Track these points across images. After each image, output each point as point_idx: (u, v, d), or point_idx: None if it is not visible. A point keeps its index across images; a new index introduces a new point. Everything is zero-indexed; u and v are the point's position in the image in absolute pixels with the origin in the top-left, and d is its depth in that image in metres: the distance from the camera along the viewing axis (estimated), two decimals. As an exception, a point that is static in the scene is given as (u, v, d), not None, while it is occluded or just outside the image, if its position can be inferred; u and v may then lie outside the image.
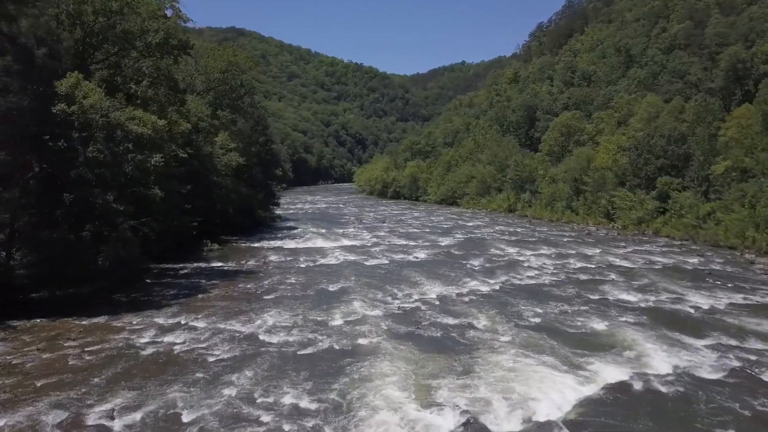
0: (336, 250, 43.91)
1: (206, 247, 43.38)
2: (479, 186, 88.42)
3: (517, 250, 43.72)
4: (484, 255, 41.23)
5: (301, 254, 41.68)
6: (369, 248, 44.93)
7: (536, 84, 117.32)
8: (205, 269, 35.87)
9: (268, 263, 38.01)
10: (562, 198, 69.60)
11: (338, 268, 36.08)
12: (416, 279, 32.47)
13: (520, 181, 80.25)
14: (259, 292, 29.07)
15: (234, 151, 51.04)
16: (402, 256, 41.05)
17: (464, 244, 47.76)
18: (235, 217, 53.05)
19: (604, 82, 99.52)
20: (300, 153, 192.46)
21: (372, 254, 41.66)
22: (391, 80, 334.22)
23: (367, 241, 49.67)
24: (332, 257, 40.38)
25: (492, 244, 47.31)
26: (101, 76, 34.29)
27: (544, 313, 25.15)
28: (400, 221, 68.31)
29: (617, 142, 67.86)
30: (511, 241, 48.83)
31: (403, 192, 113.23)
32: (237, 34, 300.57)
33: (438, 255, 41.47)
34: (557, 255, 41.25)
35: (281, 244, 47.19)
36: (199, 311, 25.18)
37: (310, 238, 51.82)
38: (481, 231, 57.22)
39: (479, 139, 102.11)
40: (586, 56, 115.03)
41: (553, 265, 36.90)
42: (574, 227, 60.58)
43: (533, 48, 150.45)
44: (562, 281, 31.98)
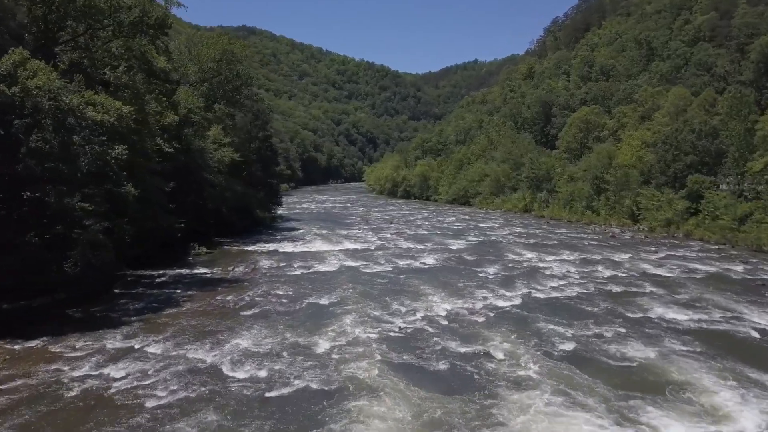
0: (336, 254, 39.58)
1: (193, 251, 39.25)
2: (493, 185, 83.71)
3: (537, 255, 39.14)
4: (499, 261, 36.71)
5: (296, 259, 37.41)
6: (372, 252, 40.56)
7: (552, 79, 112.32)
8: (185, 277, 31.68)
9: (258, 270, 33.75)
10: (582, 197, 64.82)
11: (335, 276, 31.73)
12: (422, 290, 28.03)
13: (536, 180, 75.57)
14: (239, 307, 24.80)
15: (228, 146, 46.86)
16: (408, 261, 36.62)
17: (477, 248, 43.26)
18: (230, 218, 48.93)
19: (624, 76, 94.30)
20: (310, 152, 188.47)
21: (375, 259, 37.28)
22: (403, 79, 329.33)
23: (371, 244, 45.31)
24: (330, 263, 36.05)
25: (508, 247, 42.76)
26: (70, 60, 30.26)
27: (576, 336, 20.61)
28: (409, 222, 63.88)
29: (641, 137, 62.95)
30: (529, 245, 44.24)
31: (413, 191, 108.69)
32: (248, 32, 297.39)
33: (448, 261, 37.00)
34: (582, 261, 36.64)
35: (277, 247, 42.95)
36: (161, 331, 20.95)
37: (310, 240, 47.57)
38: (496, 233, 52.65)
39: (493, 136, 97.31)
40: (604, 50, 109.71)
41: (579, 274, 32.29)
42: (595, 229, 55.79)
43: (548, 43, 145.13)
44: (592, 294, 27.38)
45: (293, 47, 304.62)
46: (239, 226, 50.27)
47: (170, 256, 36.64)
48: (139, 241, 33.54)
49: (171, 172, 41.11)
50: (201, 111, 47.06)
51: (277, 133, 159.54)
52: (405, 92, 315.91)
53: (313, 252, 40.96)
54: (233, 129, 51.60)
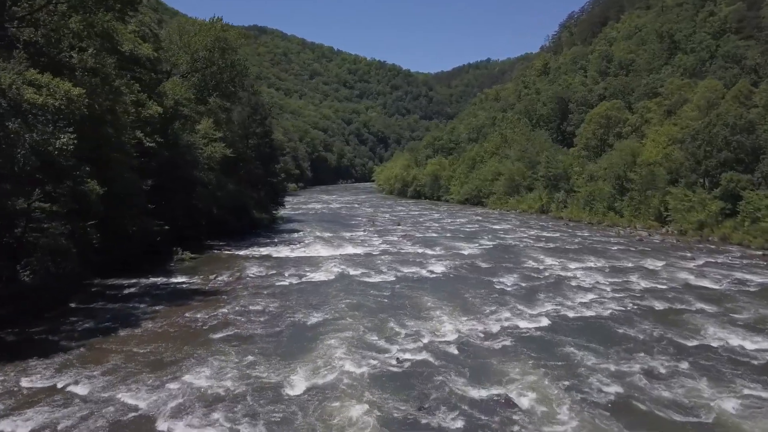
0: (334, 260, 35.29)
1: (176, 256, 35.13)
2: (507, 184, 79.07)
3: (559, 261, 34.61)
4: (518, 269, 32.22)
5: (289, 266, 33.16)
6: (375, 258, 36.22)
7: (568, 75, 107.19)
8: (158, 287, 27.52)
9: (243, 279, 29.52)
10: (603, 198, 60.07)
11: (329, 288, 27.42)
12: (428, 306, 23.64)
13: (553, 179, 70.94)
14: (208, 328, 20.55)
15: (220, 141, 42.72)
16: (414, 269, 32.22)
17: (492, 253, 38.79)
18: (224, 219, 44.81)
19: (646, 71, 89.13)
20: (319, 151, 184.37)
21: (376, 267, 32.93)
22: (415, 78, 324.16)
23: (376, 248, 40.97)
24: (327, 271, 31.74)
25: (526, 253, 38.24)
26: (28, 38, 26.22)
27: (621, 374, 16.15)
28: (418, 224, 59.45)
29: (668, 133, 58.09)
30: (549, 250, 39.69)
31: (423, 191, 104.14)
32: (259, 32, 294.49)
33: (459, 269, 32.54)
34: (611, 269, 32.05)
35: (272, 252, 38.76)
36: (101, 362, 16.78)
37: (309, 243, 43.33)
38: (512, 236, 48.10)
39: (507, 133, 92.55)
40: (623, 44, 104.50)
41: (611, 285, 27.72)
42: (619, 231, 51.05)
43: (564, 38, 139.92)
44: (631, 312, 22.84)
45: (304, 46, 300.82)
46: (234, 228, 46.14)
47: (149, 262, 32.53)
48: (112, 246, 29.62)
49: (155, 169, 37.27)
50: (191, 103, 43.09)
51: (286, 132, 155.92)
52: (417, 91, 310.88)
53: (310, 257, 36.70)
54: (228, 123, 47.51)
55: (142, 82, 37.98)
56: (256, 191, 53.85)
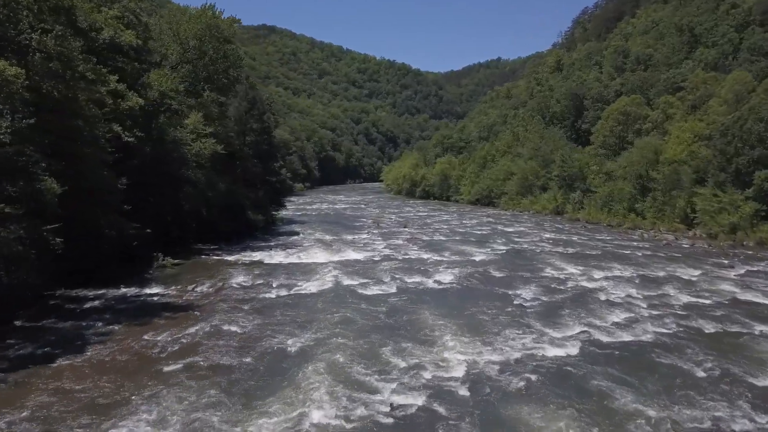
0: (332, 267, 31.67)
1: (157, 263, 31.64)
2: (520, 184, 75.14)
3: (582, 269, 30.78)
4: (536, 279, 28.42)
5: (280, 274, 29.59)
6: (376, 265, 32.56)
7: (582, 71, 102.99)
8: (127, 300, 24.01)
9: (224, 290, 25.94)
10: (623, 198, 56.06)
11: (320, 302, 23.79)
12: (432, 327, 19.91)
13: (568, 179, 66.97)
14: (166, 355, 16.96)
15: (210, 136, 39.20)
16: (419, 279, 28.51)
17: (506, 259, 35.00)
18: (216, 220, 41.34)
19: (665, 65, 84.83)
20: (327, 151, 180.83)
21: (377, 275, 29.27)
22: (425, 77, 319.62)
23: (378, 253, 37.33)
24: (321, 280, 28.13)
25: (544, 259, 34.43)
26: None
27: (671, 421, 12.43)
28: (425, 226, 55.72)
29: (693, 129, 53.97)
30: (569, 256, 35.85)
31: (432, 191, 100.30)
32: (269, 31, 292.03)
33: (470, 278, 28.77)
34: (642, 279, 28.19)
35: (264, 257, 35.23)
36: (23, 401, 13.30)
37: (307, 248, 39.78)
38: (527, 239, 44.25)
39: (519, 131, 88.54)
40: (640, 39, 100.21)
41: (646, 300, 23.89)
42: (643, 235, 47.03)
43: (577, 34, 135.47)
44: (676, 336, 19.00)
45: (313, 46, 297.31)
46: (227, 231, 42.63)
47: (126, 270, 29.09)
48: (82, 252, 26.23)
49: (137, 167, 33.89)
50: (179, 96, 39.69)
51: (293, 131, 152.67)
52: (426, 91, 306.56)
53: (305, 264, 33.10)
54: (222, 119, 43.96)
55: (123, 72, 34.77)
56: (254, 191, 50.32)
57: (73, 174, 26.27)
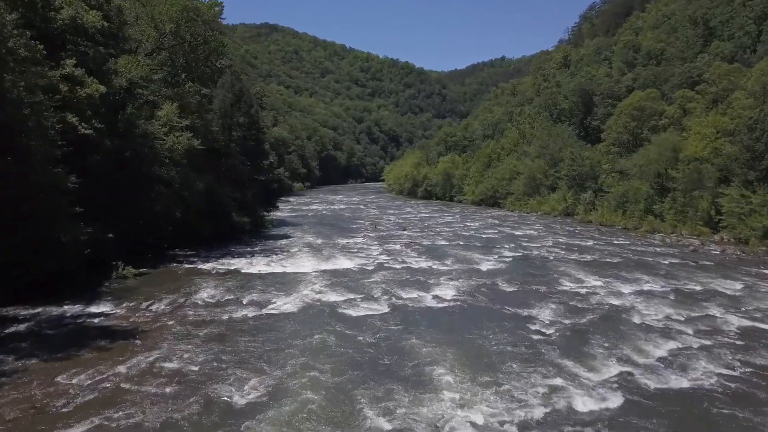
0: (317, 278, 27.43)
1: (116, 273, 27.42)
2: (527, 184, 70.78)
3: (604, 281, 26.47)
4: (553, 295, 24.11)
5: (256, 287, 25.38)
6: (369, 276, 28.30)
7: (591, 66, 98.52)
8: (61, 322, 19.71)
9: (185, 308, 21.67)
10: (639, 199, 51.63)
11: (293, 326, 19.51)
12: (428, 364, 15.58)
13: (578, 178, 62.60)
14: (72, 409, 12.59)
15: (186, 130, 35.00)
16: (415, 294, 24.21)
17: (517, 269, 30.69)
18: (194, 224, 37.18)
19: (679, 59, 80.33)
20: (329, 150, 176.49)
21: (368, 289, 25.01)
22: (428, 76, 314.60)
23: (373, 260, 33.08)
24: (301, 295, 23.86)
25: (559, 268, 30.10)
26: None
27: None
28: (426, 228, 51.43)
29: (716, 124, 49.63)
30: (588, 264, 31.52)
31: (434, 191, 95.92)
32: (270, 29, 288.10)
33: (475, 294, 24.44)
34: (677, 294, 23.87)
35: (244, 266, 31.03)
36: None
37: (294, 254, 35.61)
38: (537, 244, 39.92)
39: (525, 128, 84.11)
40: (651, 34, 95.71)
41: (689, 323, 19.54)
42: (665, 239, 42.66)
43: (584, 30, 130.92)
44: (744, 378, 14.66)
45: (316, 44, 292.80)
46: (208, 235, 38.47)
47: (79, 281, 24.92)
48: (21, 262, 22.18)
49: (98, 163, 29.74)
50: (153, 85, 35.61)
51: (293, 129, 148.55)
52: (430, 89, 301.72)
53: (288, 274, 28.87)
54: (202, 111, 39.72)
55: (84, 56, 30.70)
56: (241, 191, 46.10)
57: (16, 172, 22.23)
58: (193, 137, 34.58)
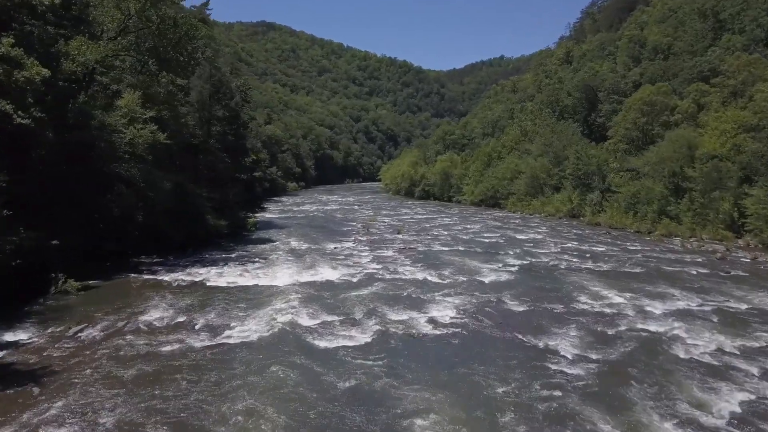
0: (293, 294, 23.25)
1: (55, 287, 23.20)
2: (529, 183, 66.64)
3: (629, 297, 22.33)
4: (572, 316, 19.92)
5: (216, 306, 21.20)
6: (352, 290, 24.14)
7: (594, 62, 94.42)
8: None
9: (120, 335, 17.45)
10: (652, 200, 47.49)
11: (247, 360, 15.31)
12: (415, 415, 11.51)
13: (584, 177, 58.50)
14: None
15: (151, 122, 30.74)
16: (406, 316, 19.99)
17: (525, 281, 26.53)
18: (162, 228, 33.01)
19: (688, 53, 76.27)
20: (325, 149, 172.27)
21: (350, 309, 20.83)
22: (426, 75, 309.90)
23: (360, 270, 28.93)
24: (269, 318, 19.63)
25: (574, 280, 25.95)
26: None
27: None
28: (423, 231, 47.27)
29: (736, 119, 45.52)
30: (605, 275, 27.37)
31: (432, 191, 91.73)
32: (267, 28, 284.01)
33: (478, 316, 20.20)
34: (722, 316, 19.69)
35: (212, 276, 26.88)
36: None
37: (273, 262, 31.51)
38: (545, 250, 35.78)
39: (527, 125, 79.93)
40: (656, 28, 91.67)
41: (751, 358, 15.38)
42: (685, 245, 38.56)
43: (586, 26, 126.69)
44: None
45: (313, 43, 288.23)
46: (179, 240, 34.26)
47: (9, 297, 20.72)
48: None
49: (42, 159, 25.69)
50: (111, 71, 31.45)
51: (288, 127, 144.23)
52: (428, 88, 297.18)
53: (260, 288, 24.72)
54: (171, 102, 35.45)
55: (29, 36, 26.67)
56: (221, 191, 41.98)
57: None
58: (159, 130, 30.28)
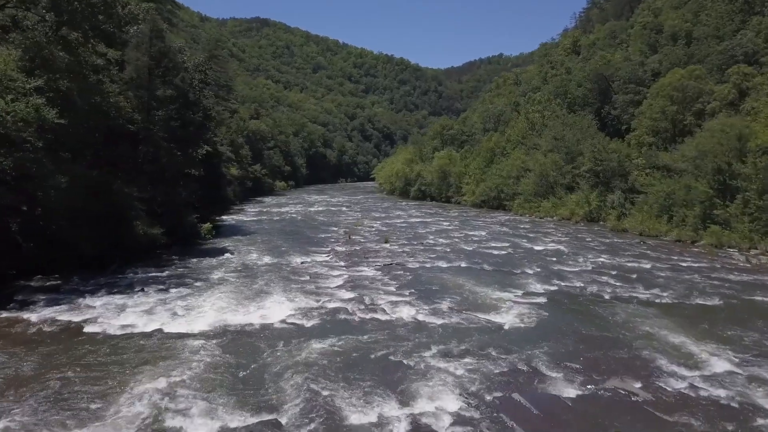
0: (202, 358, 14.55)
1: None
2: (538, 183, 57.98)
3: (735, 360, 13.70)
4: (658, 403, 11.26)
5: (63, 380, 12.53)
6: (300, 346, 15.43)
7: (606, 51, 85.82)
8: None
9: None
10: (692, 202, 38.89)
11: None
12: None
13: (603, 176, 49.95)
14: None
15: (37, 93, 21.97)
16: (374, 415, 11.36)
17: (562, 326, 17.78)
18: (69, 238, 24.34)
19: (713, 38, 67.73)
20: (318, 147, 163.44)
21: (279, 392, 12.16)
22: (424, 73, 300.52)
23: (324, 302, 20.26)
24: (131, 408, 11.02)
25: (635, 325, 17.23)
26: None
27: None
28: (416, 239, 38.56)
29: (797, 104, 36.98)
30: (674, 312, 18.70)
31: (429, 191, 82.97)
32: (262, 24, 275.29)
33: (501, 412, 11.58)
34: None
35: (101, 315, 18.25)
36: None
37: (208, 287, 22.87)
38: (574, 267, 27.06)
39: (534, 117, 71.20)
40: (673, 14, 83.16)
41: None
42: (750, 260, 29.89)
43: (593, 15, 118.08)
44: None
45: (308, 39, 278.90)
46: (91, 253, 25.52)
47: None
48: None
49: None
50: None
51: (277, 123, 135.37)
52: (426, 86, 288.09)
53: (161, 342, 16.00)
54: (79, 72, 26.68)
55: None
56: (165, 189, 33.28)
57: None
58: (45, 105, 21.43)
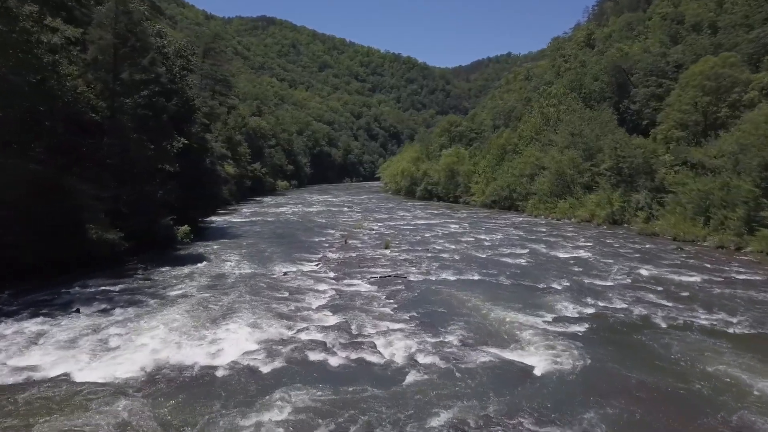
0: (105, 416, 10.10)
1: None
2: (554, 182, 53.28)
3: None
4: None
5: None
6: (256, 400, 10.94)
7: (623, 43, 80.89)
8: None
9: None
10: (733, 203, 34.12)
11: None
12: None
13: (627, 174, 45.29)
14: None
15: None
16: None
17: (612, 374, 13.14)
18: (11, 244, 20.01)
19: (742, 26, 62.75)
20: (322, 146, 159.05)
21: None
22: (431, 71, 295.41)
23: (298, 331, 15.78)
24: None
25: (712, 369, 12.66)
26: None
27: None
28: (421, 245, 33.96)
29: None
30: (753, 345, 14.13)
31: (436, 190, 78.30)
32: (268, 23, 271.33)
33: None
34: None
35: (3, 350, 13.81)
36: None
37: (161, 307, 18.49)
38: (609, 281, 22.39)
39: (549, 112, 66.38)
40: (695, 4, 78.13)
41: None
42: (814, 272, 25.15)
43: (607, 8, 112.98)
44: None
45: (314, 38, 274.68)
46: (30, 261, 21.18)
47: None
48: None
49: None
50: None
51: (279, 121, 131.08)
52: (433, 85, 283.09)
53: (61, 393, 11.55)
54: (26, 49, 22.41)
55: None
56: (134, 188, 28.87)
57: None
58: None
